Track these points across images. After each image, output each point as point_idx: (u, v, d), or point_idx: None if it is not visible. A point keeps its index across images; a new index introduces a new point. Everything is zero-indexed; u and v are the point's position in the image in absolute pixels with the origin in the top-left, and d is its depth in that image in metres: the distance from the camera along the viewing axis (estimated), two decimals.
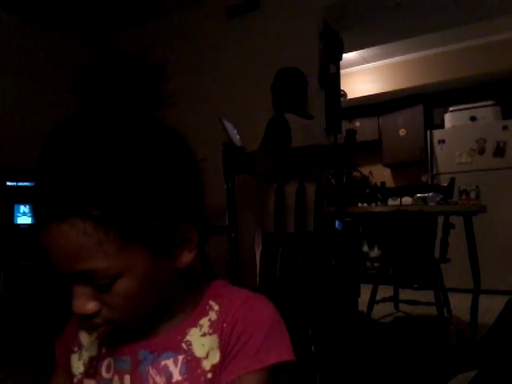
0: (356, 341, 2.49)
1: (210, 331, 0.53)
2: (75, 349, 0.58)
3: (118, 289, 0.47)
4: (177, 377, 0.51)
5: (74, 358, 0.58)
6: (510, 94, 4.40)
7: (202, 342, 0.53)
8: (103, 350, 0.56)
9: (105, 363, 0.55)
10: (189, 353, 0.52)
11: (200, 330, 0.53)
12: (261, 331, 0.52)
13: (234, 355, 0.51)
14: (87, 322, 0.49)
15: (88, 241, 0.44)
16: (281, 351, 0.52)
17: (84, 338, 0.59)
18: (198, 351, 0.52)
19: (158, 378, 0.52)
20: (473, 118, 4.41)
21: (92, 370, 0.56)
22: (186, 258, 0.52)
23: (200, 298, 0.56)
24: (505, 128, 4.16)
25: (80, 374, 0.57)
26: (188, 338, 0.53)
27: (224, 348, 0.52)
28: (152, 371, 0.52)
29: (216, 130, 2.40)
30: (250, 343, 0.51)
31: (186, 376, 0.51)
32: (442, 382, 1.79)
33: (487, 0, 2.94)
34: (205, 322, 0.54)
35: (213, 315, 0.54)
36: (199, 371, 0.51)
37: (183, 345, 0.53)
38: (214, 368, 0.51)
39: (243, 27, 3.02)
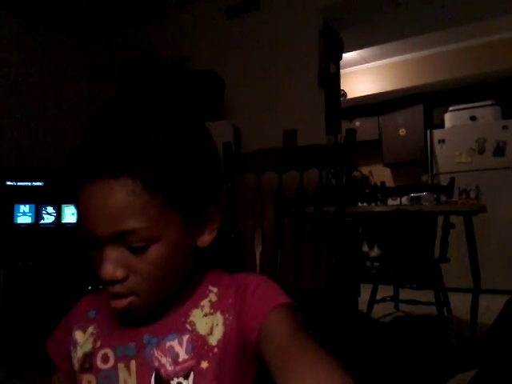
0: (356, 340, 2.49)
1: (212, 311, 0.56)
2: (72, 348, 0.60)
3: (151, 253, 0.50)
4: (183, 356, 0.54)
5: (74, 355, 0.59)
6: (510, 94, 4.40)
7: (205, 321, 0.56)
8: (98, 344, 0.58)
9: (99, 355, 0.57)
10: (194, 332, 0.55)
11: (202, 310, 0.57)
12: (260, 286, 0.56)
13: (247, 310, 0.55)
14: (112, 288, 0.51)
15: (135, 200, 0.48)
16: (283, 296, 0.55)
17: (79, 336, 0.60)
18: (202, 329, 0.55)
19: (163, 359, 0.54)
20: (473, 118, 4.42)
21: (87, 364, 0.57)
22: (207, 237, 0.57)
23: (199, 283, 0.60)
24: (505, 128, 4.16)
25: (76, 370, 0.58)
26: (191, 318, 0.56)
27: (235, 316, 0.55)
28: (157, 353, 0.54)
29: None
30: (258, 295, 0.55)
31: (192, 354, 0.54)
32: (441, 381, 1.79)
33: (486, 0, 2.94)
34: (206, 303, 0.57)
35: (213, 297, 0.58)
36: (206, 347, 0.54)
37: (187, 325, 0.56)
38: (220, 343, 0.54)
39: (243, 27, 3.02)
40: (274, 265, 1.41)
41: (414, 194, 2.77)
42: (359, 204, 2.78)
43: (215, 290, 0.58)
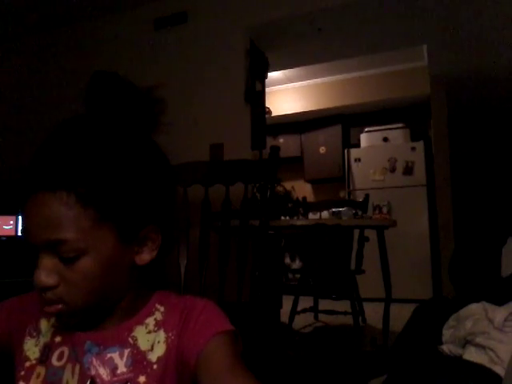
0: (278, 351, 2.54)
1: (155, 329, 0.58)
2: (34, 333, 0.61)
3: (80, 264, 0.52)
4: (122, 368, 0.55)
5: (32, 342, 0.60)
6: (418, 119, 4.81)
7: (147, 338, 0.58)
8: (57, 339, 0.59)
9: (57, 352, 0.58)
10: (135, 347, 0.57)
11: (146, 328, 0.59)
12: (206, 310, 0.59)
13: (190, 332, 0.57)
14: (44, 294, 0.53)
15: (68, 212, 0.51)
16: (227, 323, 0.58)
17: (44, 325, 0.61)
18: (143, 345, 0.57)
19: (101, 370, 0.55)
20: (385, 139, 4.76)
21: (44, 357, 0.58)
22: (146, 256, 0.58)
23: (147, 301, 0.61)
24: (413, 149, 4.54)
25: (35, 359, 0.59)
26: (134, 333, 0.58)
27: (177, 334, 0.57)
28: (96, 362, 0.56)
29: None
30: (202, 318, 0.58)
31: (131, 368, 0.56)
32: None
33: (397, 32, 3.22)
34: (150, 321, 0.59)
35: (158, 315, 0.60)
36: (145, 363, 0.56)
37: (129, 339, 0.57)
38: (160, 359, 0.56)
39: (171, 40, 3.00)
40: (199, 278, 1.41)
41: (335, 209, 2.91)
42: (282, 218, 2.86)
43: (162, 308, 0.60)
